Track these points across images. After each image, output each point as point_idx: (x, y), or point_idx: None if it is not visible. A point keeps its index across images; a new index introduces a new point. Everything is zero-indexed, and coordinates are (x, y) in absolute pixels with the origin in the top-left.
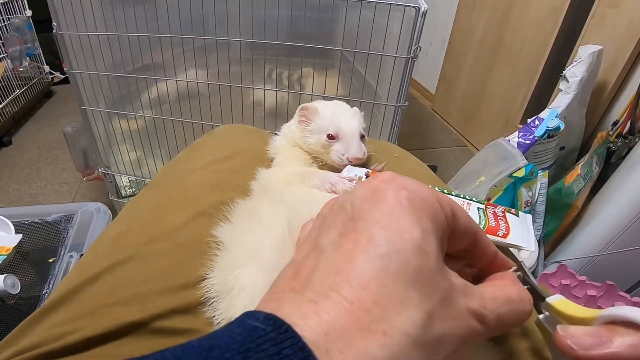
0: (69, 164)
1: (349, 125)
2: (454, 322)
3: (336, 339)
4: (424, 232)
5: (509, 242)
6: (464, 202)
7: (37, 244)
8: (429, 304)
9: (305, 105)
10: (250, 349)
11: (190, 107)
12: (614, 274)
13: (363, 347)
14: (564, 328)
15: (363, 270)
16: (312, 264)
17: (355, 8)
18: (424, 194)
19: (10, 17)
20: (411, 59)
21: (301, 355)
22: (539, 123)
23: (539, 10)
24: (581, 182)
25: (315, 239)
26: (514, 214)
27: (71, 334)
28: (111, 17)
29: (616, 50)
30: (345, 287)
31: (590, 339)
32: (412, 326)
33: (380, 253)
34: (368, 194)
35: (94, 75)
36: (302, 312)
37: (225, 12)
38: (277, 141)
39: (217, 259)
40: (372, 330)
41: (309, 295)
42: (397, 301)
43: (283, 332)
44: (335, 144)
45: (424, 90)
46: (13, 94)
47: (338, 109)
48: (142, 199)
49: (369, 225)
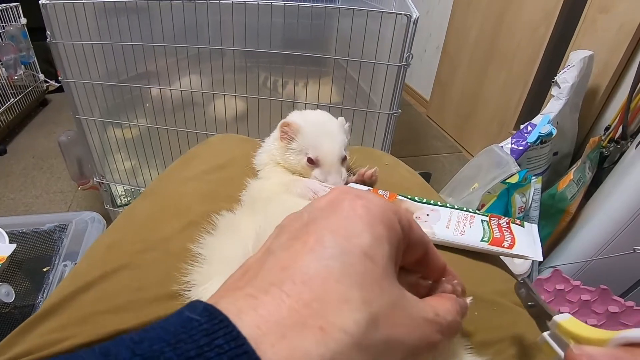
0: (64, 173)
1: (330, 152)
2: (405, 329)
3: (269, 332)
4: (375, 239)
5: (515, 252)
6: (467, 215)
7: (31, 253)
8: (374, 306)
9: (286, 121)
10: (182, 340)
11: (185, 116)
12: (607, 278)
13: (297, 342)
14: (579, 347)
15: (307, 268)
16: (259, 265)
17: (348, 16)
18: (380, 203)
19: (4, 25)
20: (403, 66)
21: (234, 344)
22: (531, 129)
23: (531, 14)
24: (574, 188)
25: (269, 245)
26: (519, 225)
27: (64, 341)
28: (105, 26)
29: (607, 55)
30: (288, 282)
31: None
32: (353, 325)
33: (327, 254)
34: (325, 203)
35: (88, 84)
36: (238, 307)
37: (219, 21)
38: (260, 156)
39: (194, 271)
40: (309, 326)
41: (249, 291)
42: (339, 299)
43: (217, 323)
44: (315, 170)
45: (419, 97)
46: (8, 102)
47: (321, 127)
48: (136, 207)
49: (319, 229)
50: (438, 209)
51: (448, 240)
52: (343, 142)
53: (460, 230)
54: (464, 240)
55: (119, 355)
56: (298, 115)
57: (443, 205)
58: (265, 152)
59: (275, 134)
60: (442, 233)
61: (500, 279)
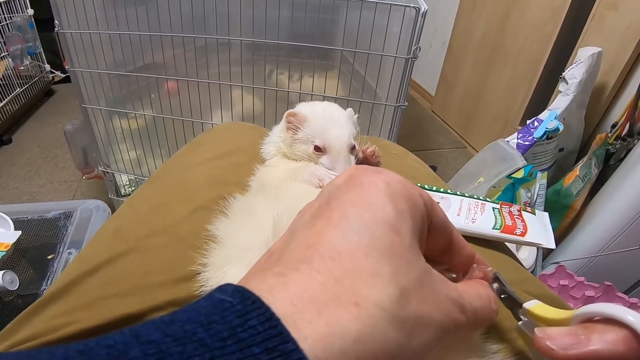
0: (68, 163)
1: (338, 138)
2: (432, 305)
3: (304, 310)
4: (398, 213)
5: (527, 240)
6: (478, 203)
7: (36, 241)
8: (404, 280)
9: (292, 111)
10: (214, 321)
11: (191, 106)
12: (612, 275)
13: (334, 318)
14: (542, 330)
15: (334, 244)
16: (284, 246)
17: (355, 8)
18: (400, 179)
19: (12, 15)
20: (411, 59)
21: (268, 325)
22: (538, 124)
23: (538, 12)
24: (580, 184)
25: (292, 226)
26: (530, 213)
27: (69, 326)
28: (113, 15)
29: (616, 52)
30: (316, 259)
31: (568, 339)
32: (387, 299)
33: (352, 228)
34: (345, 179)
35: (95, 74)
36: (269, 285)
37: (226, 12)
38: (267, 147)
39: (211, 254)
40: (344, 302)
41: (277, 270)
42: (369, 273)
43: (250, 304)
44: (323, 157)
45: (424, 92)
46: (14, 92)
47: (328, 116)
48: (142, 193)
49: (341, 204)
50: (448, 196)
51: (460, 229)
52: (351, 131)
53: (471, 218)
54: (476, 228)
55: (150, 336)
56: (305, 105)
57: (453, 193)
58: (271, 143)
59: (281, 125)
60: (454, 221)
61: (512, 267)
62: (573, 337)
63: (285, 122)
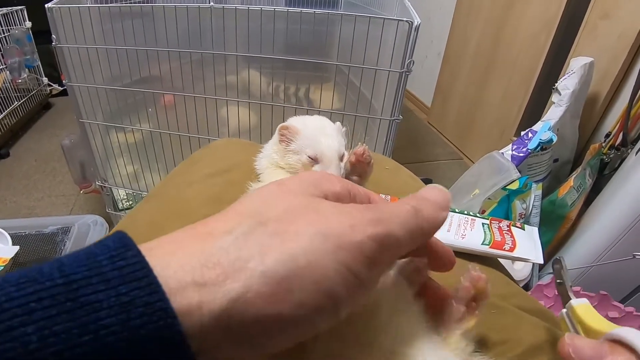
0: (66, 176)
1: (329, 148)
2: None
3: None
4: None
5: (515, 255)
6: (468, 219)
7: (34, 256)
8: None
9: (285, 124)
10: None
11: (187, 121)
12: (607, 284)
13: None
14: (571, 337)
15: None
16: None
17: (350, 22)
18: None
19: (10, 28)
20: (405, 73)
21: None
22: (532, 136)
23: (532, 22)
24: (574, 194)
25: None
26: (519, 228)
27: None
28: (110, 30)
29: (608, 62)
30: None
31: (590, 352)
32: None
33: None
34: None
35: (92, 88)
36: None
37: (222, 26)
38: (260, 161)
39: None
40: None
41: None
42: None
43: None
44: (315, 166)
45: (420, 103)
46: (11, 105)
47: (319, 128)
48: (139, 211)
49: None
50: None
51: (449, 244)
52: (341, 142)
53: (461, 233)
54: (465, 244)
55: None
56: (296, 119)
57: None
58: (265, 156)
59: (274, 139)
60: (443, 237)
61: (501, 282)
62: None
63: (279, 134)
